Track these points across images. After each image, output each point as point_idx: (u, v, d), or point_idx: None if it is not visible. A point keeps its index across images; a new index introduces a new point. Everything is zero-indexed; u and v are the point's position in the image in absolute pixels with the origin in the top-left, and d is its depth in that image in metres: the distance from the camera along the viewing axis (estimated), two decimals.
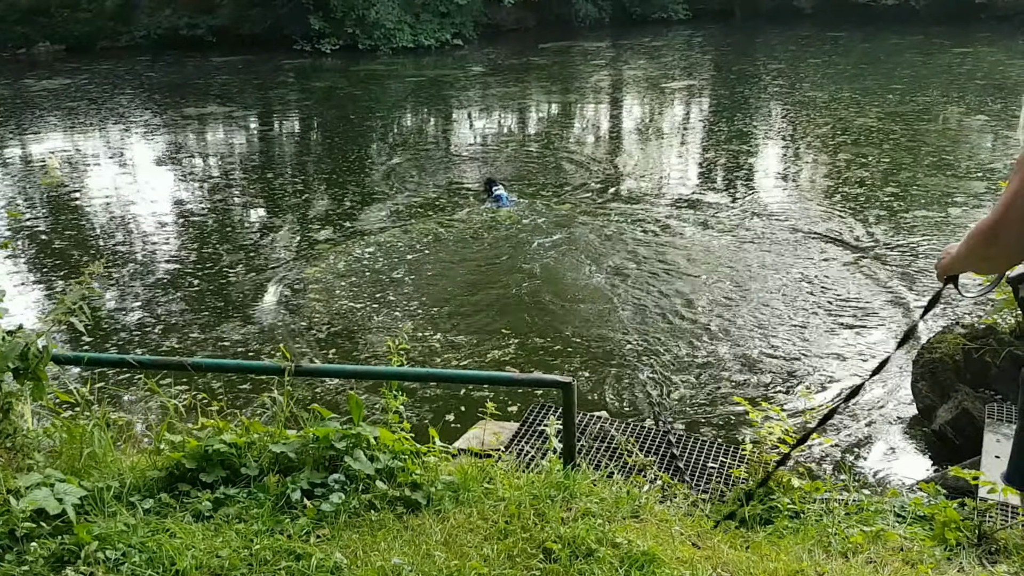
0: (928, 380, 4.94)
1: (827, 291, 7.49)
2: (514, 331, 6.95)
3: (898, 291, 7.45)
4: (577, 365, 6.31)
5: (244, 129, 16.43)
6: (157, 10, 27.42)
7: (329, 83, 21.24)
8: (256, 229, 9.89)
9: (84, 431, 3.29)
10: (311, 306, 7.54)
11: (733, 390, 5.84)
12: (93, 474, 3.16)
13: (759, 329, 6.85)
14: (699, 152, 13.24)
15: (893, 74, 19.48)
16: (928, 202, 9.96)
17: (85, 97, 19.20)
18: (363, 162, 13.09)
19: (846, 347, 6.46)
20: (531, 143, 14.19)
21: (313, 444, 3.31)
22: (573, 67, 23.23)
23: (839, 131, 13.88)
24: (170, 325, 7.17)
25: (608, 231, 9.39)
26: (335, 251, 8.94)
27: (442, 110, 18.19)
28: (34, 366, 3.23)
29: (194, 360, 3.32)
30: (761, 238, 9.01)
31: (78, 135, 15.64)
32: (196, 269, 8.59)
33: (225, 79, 21.77)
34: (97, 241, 9.54)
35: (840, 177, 11.07)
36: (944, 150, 12.44)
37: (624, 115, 17.26)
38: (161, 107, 17.98)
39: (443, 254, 8.93)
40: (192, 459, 3.20)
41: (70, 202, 11.13)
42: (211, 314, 7.44)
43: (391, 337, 6.65)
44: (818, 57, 22.64)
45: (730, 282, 7.85)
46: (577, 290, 7.90)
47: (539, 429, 4.29)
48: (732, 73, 21.07)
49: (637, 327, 6.95)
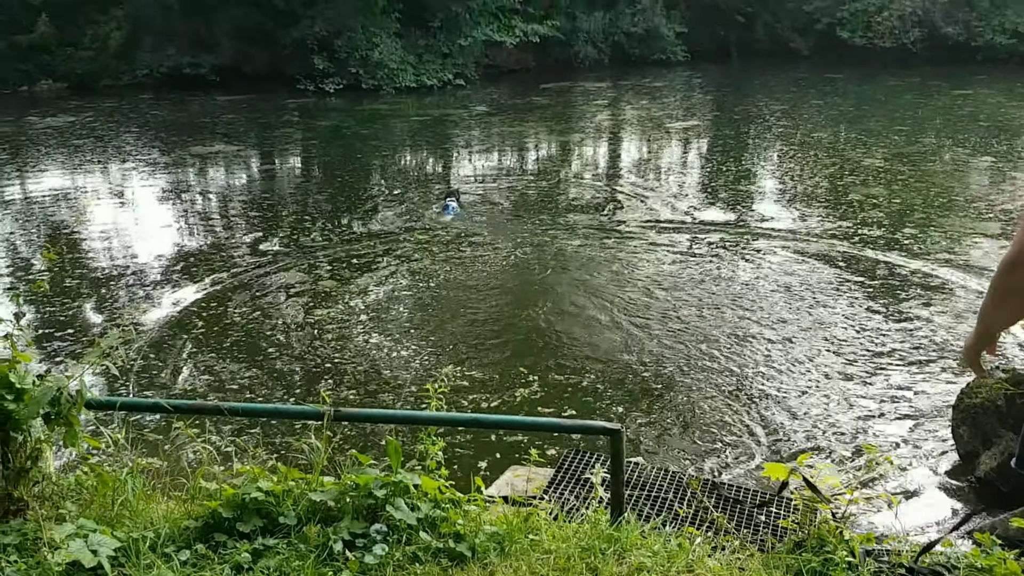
0: (969, 426, 4.84)
1: (870, 338, 7.35)
2: (534, 368, 6.87)
3: (940, 334, 7.35)
4: (608, 404, 6.20)
5: (250, 167, 16.43)
6: (159, 48, 27.61)
7: (334, 122, 21.33)
8: (267, 270, 9.79)
9: (117, 478, 3.17)
10: (329, 347, 7.42)
11: (777, 439, 5.72)
12: (126, 523, 3.04)
13: (792, 374, 6.74)
14: (709, 191, 13.23)
15: (895, 115, 19.63)
16: (950, 243, 9.92)
17: (91, 135, 19.22)
18: (369, 200, 13.06)
19: (886, 398, 6.33)
20: (535, 179, 14.19)
21: (352, 492, 3.19)
22: (575, 107, 23.39)
23: (847, 171, 13.91)
24: (179, 368, 7.04)
25: (621, 267, 9.33)
26: (347, 290, 8.85)
27: (446, 148, 18.25)
28: (66, 411, 3.13)
29: (230, 405, 3.21)
30: (790, 276, 8.94)
31: (84, 172, 15.61)
32: (201, 310, 8.47)
33: (230, 118, 21.86)
34: (107, 281, 9.43)
35: (856, 218, 11.04)
36: (953, 191, 12.46)
37: (629, 154, 17.31)
38: (168, 145, 18.00)
39: (456, 290, 8.86)
40: (228, 508, 3.08)
41: (78, 241, 11.05)
42: (220, 355, 7.31)
43: (412, 378, 6.57)
44: (819, 98, 22.83)
45: (757, 323, 7.76)
46: (594, 324, 7.85)
47: (577, 475, 4.16)
48: (735, 113, 21.21)
49: (663, 364, 6.85)
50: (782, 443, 5.62)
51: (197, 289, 9.11)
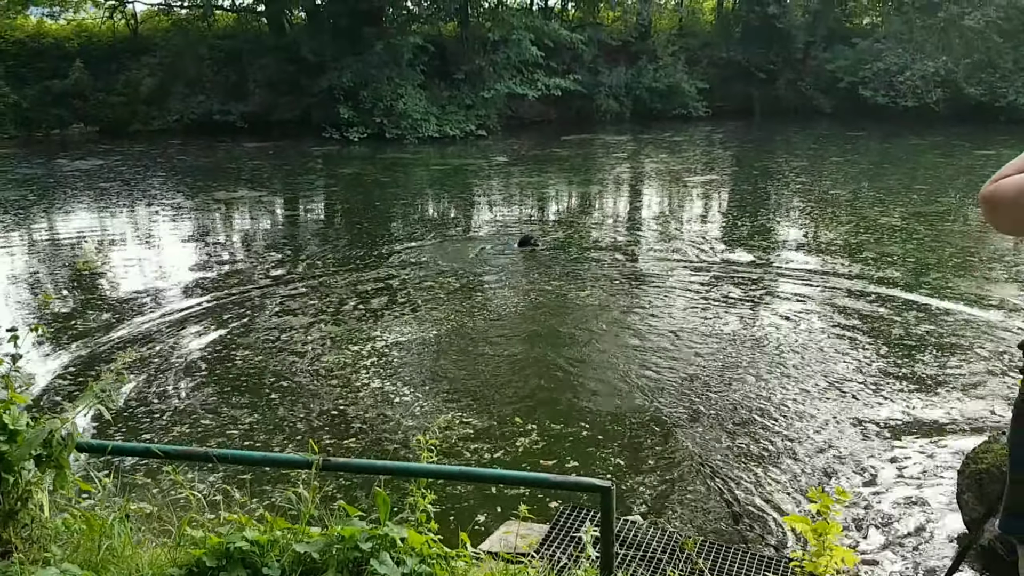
0: (975, 492, 4.73)
1: (882, 400, 7.26)
2: (540, 417, 6.85)
3: (952, 399, 7.25)
4: (609, 456, 6.14)
5: (272, 213, 16.66)
6: (190, 96, 28.26)
7: (356, 169, 21.64)
8: (278, 316, 9.86)
9: (104, 523, 3.18)
10: (335, 393, 7.43)
11: (776, 492, 5.64)
12: (111, 569, 3.04)
13: (801, 435, 6.66)
14: (725, 243, 13.22)
15: (916, 174, 19.60)
16: (966, 306, 9.81)
17: (118, 178, 19.60)
18: (386, 246, 13.18)
19: (898, 459, 6.23)
20: (551, 228, 14.26)
21: (338, 544, 3.16)
22: (595, 159, 23.58)
23: (862, 229, 13.87)
24: (185, 412, 7.07)
25: (632, 316, 9.32)
26: (357, 336, 8.89)
27: (466, 197, 18.42)
28: (57, 454, 3.15)
29: (219, 452, 3.22)
30: (800, 332, 8.89)
31: (109, 215, 15.90)
32: (206, 352, 8.54)
33: (255, 164, 22.24)
34: (117, 321, 9.54)
35: (872, 278, 10.97)
36: (968, 251, 12.36)
37: (645, 206, 17.37)
38: (193, 190, 18.32)
39: (464, 338, 8.89)
40: (213, 556, 3.07)
41: (99, 283, 11.21)
42: (222, 399, 7.34)
43: (415, 426, 6.56)
44: (839, 156, 22.88)
45: (768, 377, 7.70)
46: (602, 374, 7.84)
47: (572, 532, 4.10)
48: (754, 169, 21.27)
49: (671, 418, 6.79)
50: (791, 503, 5.52)
51: (203, 331, 9.19)
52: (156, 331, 9.20)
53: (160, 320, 9.59)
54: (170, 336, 9.06)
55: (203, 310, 9.96)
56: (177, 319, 9.63)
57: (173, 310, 9.96)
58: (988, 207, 2.00)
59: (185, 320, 9.60)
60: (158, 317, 9.69)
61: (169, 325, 9.43)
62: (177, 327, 9.35)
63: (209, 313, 9.83)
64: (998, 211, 1.97)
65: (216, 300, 10.31)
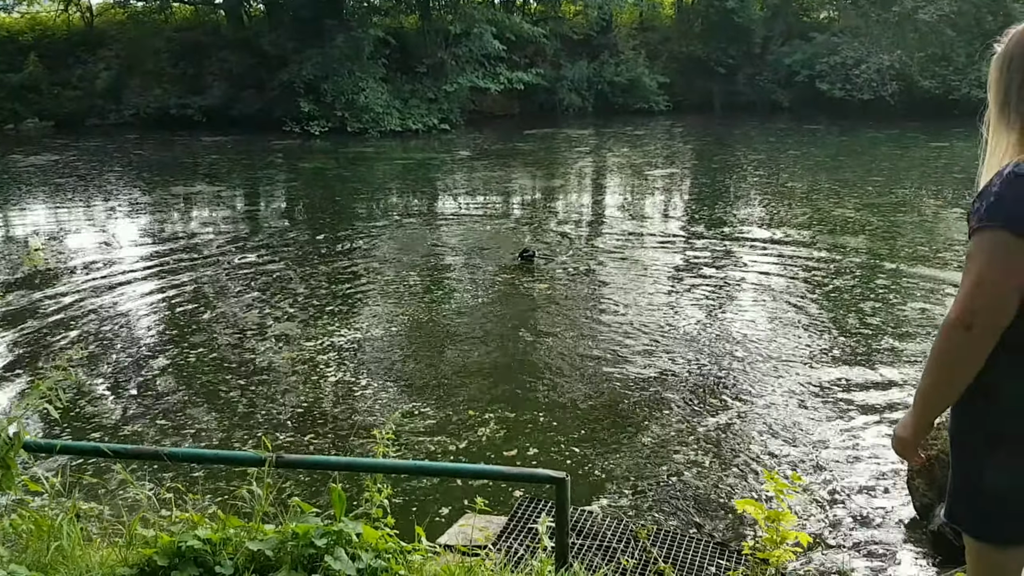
0: (925, 477, 4.84)
1: (837, 388, 7.39)
2: (501, 407, 6.92)
3: (907, 388, 7.41)
4: (567, 446, 6.19)
5: (231, 208, 16.46)
6: (147, 90, 27.79)
7: (318, 164, 21.46)
8: (238, 310, 9.77)
9: (53, 524, 3.13)
10: (290, 390, 7.39)
11: (734, 479, 5.73)
12: (60, 570, 3.00)
13: (757, 422, 6.77)
14: (681, 237, 13.34)
15: (871, 166, 19.92)
16: (920, 295, 10.03)
17: (73, 174, 19.24)
18: (347, 240, 13.11)
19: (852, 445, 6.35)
20: (514, 222, 14.29)
21: (292, 541, 3.16)
22: (558, 153, 23.63)
23: (815, 221, 14.09)
24: (142, 411, 6.98)
25: (590, 309, 9.39)
26: (317, 332, 8.84)
27: (428, 191, 18.37)
28: (3, 453, 3.10)
29: (170, 450, 3.19)
30: (751, 318, 9.02)
31: (64, 211, 15.61)
32: (174, 353, 8.44)
33: (214, 158, 21.95)
34: (72, 321, 9.38)
35: (828, 268, 11.18)
36: (919, 241, 12.63)
37: (607, 200, 17.47)
38: (150, 185, 18.03)
39: (426, 331, 8.91)
40: (164, 556, 3.05)
41: (50, 280, 11.01)
42: (184, 400, 7.26)
43: (377, 421, 6.55)
44: (797, 149, 23.18)
45: (725, 362, 7.81)
46: (564, 362, 7.93)
47: (528, 525, 4.13)
48: (714, 163, 21.48)
49: (633, 404, 6.86)
50: (746, 490, 5.61)
51: (157, 328, 9.08)
52: (108, 328, 9.07)
53: (113, 316, 9.45)
54: (122, 332, 8.94)
55: (157, 306, 9.84)
56: (130, 315, 9.51)
57: (127, 306, 9.83)
58: (963, 326, 2.03)
59: (139, 316, 9.47)
60: (110, 313, 9.55)
61: (123, 321, 9.30)
62: (130, 322, 9.23)
63: (163, 309, 9.71)
64: (975, 324, 2.01)
65: (171, 297, 10.18)
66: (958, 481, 2.28)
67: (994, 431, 2.14)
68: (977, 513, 2.22)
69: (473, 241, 13.07)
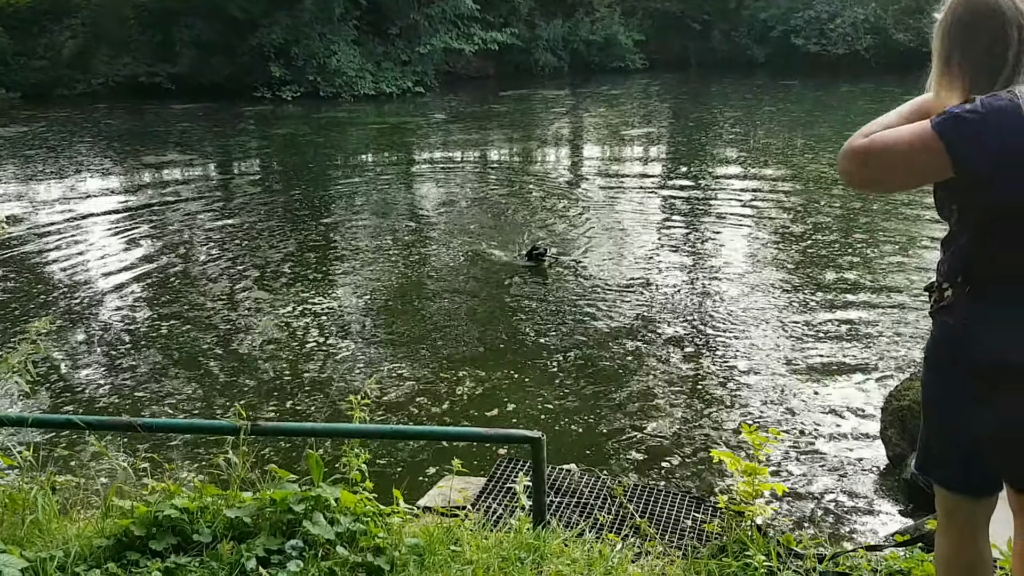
0: (897, 427, 4.92)
1: (812, 341, 7.47)
2: (478, 368, 6.95)
3: (881, 340, 7.48)
4: (544, 406, 6.24)
5: (204, 177, 16.24)
6: (115, 58, 27.24)
7: (290, 130, 21.20)
8: (211, 280, 9.69)
9: (27, 497, 3.12)
10: (269, 358, 7.36)
11: (711, 432, 5.80)
12: (36, 543, 2.99)
13: (734, 377, 6.83)
14: (656, 198, 13.35)
15: (847, 121, 19.93)
16: (896, 248, 10.11)
17: (43, 145, 18.89)
18: (323, 208, 13.01)
19: (826, 397, 6.43)
20: (491, 185, 14.23)
21: (270, 508, 3.16)
22: (534, 114, 23.48)
23: (790, 177, 14.14)
24: (117, 383, 6.92)
25: (568, 268, 9.41)
26: (290, 299, 8.80)
27: (404, 156, 18.22)
28: None
29: (144, 420, 3.17)
30: (730, 276, 9.08)
31: (35, 183, 15.35)
32: (148, 324, 8.37)
33: (185, 127, 21.61)
34: (43, 295, 9.27)
35: (804, 224, 11.25)
36: (893, 197, 12.69)
37: (584, 161, 17.42)
38: (120, 155, 17.76)
39: (407, 294, 8.94)
40: (141, 525, 3.04)
41: (18, 252, 10.85)
42: (161, 371, 7.21)
43: (358, 385, 6.55)
44: (773, 105, 23.15)
45: (702, 321, 7.88)
46: (544, 322, 7.98)
47: (507, 485, 4.17)
48: (690, 121, 21.43)
49: (608, 361, 6.92)
50: (725, 434, 5.68)
51: (129, 300, 8.99)
52: (79, 299, 8.98)
53: (85, 287, 9.35)
54: (95, 303, 8.85)
55: (130, 276, 9.73)
56: (103, 286, 9.40)
57: (99, 277, 9.72)
58: (859, 160, 2.05)
59: (111, 287, 9.36)
60: (82, 284, 9.45)
61: (94, 292, 9.20)
62: (103, 293, 9.14)
63: (136, 280, 9.60)
64: (869, 165, 2.03)
65: (144, 267, 10.07)
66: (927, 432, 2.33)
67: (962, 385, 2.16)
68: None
69: (449, 204, 13.01)
